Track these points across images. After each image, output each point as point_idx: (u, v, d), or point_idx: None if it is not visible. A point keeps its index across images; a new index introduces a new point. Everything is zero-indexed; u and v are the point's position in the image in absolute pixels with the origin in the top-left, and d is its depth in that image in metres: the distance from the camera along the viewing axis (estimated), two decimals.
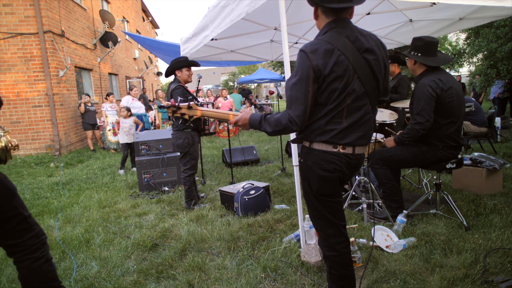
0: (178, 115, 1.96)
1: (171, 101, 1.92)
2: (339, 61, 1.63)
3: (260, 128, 1.79)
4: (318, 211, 1.86)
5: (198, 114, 1.98)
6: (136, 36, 13.01)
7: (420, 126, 3.01)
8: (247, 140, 9.57)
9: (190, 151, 4.09)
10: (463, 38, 13.10)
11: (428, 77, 3.02)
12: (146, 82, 18.73)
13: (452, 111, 3.01)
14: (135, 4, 19.77)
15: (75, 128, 9.67)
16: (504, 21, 8.02)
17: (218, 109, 2.03)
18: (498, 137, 6.83)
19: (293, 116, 1.68)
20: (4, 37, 8.44)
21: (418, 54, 3.06)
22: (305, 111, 1.67)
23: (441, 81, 2.97)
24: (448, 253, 2.65)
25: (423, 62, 3.04)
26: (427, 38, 3.04)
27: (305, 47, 1.67)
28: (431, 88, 2.95)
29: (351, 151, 1.76)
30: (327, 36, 1.69)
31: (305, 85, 1.65)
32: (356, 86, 1.69)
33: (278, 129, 1.74)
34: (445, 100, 2.98)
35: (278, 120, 1.72)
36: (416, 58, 3.07)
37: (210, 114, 2.02)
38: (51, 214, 4.31)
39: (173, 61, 4.13)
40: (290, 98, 1.70)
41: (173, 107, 1.91)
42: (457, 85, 3.07)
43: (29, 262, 1.87)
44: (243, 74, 33.72)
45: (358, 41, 1.70)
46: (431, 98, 2.96)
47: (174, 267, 2.76)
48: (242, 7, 3.11)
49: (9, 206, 1.81)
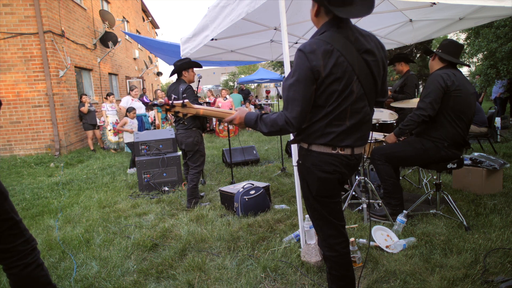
0: (172, 113, 1.92)
1: (164, 99, 1.90)
2: (338, 62, 1.59)
3: (256, 128, 1.75)
4: (317, 212, 1.86)
5: (193, 112, 1.94)
6: (136, 36, 13.00)
7: (420, 111, 3.04)
8: (247, 140, 9.57)
9: (200, 148, 4.19)
10: (463, 38, 13.08)
11: (443, 70, 3.10)
12: (146, 82, 18.73)
13: (461, 109, 3.03)
14: (135, 4, 19.77)
15: (75, 128, 9.67)
16: (504, 21, 8.02)
17: (213, 107, 1.99)
18: (498, 137, 6.83)
19: (289, 118, 1.63)
20: (4, 37, 8.44)
21: (439, 51, 3.18)
22: (302, 112, 1.63)
23: (454, 75, 3.04)
24: (448, 253, 2.65)
25: (441, 55, 3.12)
26: (452, 40, 3.21)
27: (303, 47, 1.62)
28: (442, 78, 3.02)
29: (349, 152, 1.75)
30: (326, 35, 1.64)
31: (303, 86, 1.60)
32: (355, 88, 1.65)
33: (273, 130, 1.69)
34: (453, 94, 3.01)
35: (274, 120, 1.67)
36: (437, 53, 3.16)
37: (204, 112, 1.97)
38: (51, 214, 4.31)
39: (180, 62, 4.16)
40: (287, 99, 1.65)
41: (167, 105, 1.87)
42: (470, 86, 3.13)
43: (19, 268, 1.82)
44: (243, 74, 33.73)
45: (358, 41, 1.66)
46: (440, 88, 3.01)
47: (174, 267, 2.76)
48: (242, 7, 3.11)
49: (1, 210, 1.76)
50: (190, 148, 4.16)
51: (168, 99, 1.91)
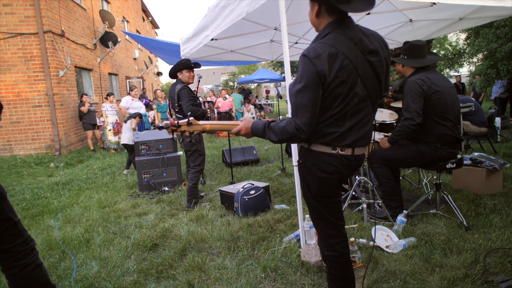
0: (178, 133, 1.88)
1: (170, 120, 1.88)
2: (343, 65, 1.58)
3: (264, 137, 1.72)
4: (317, 212, 1.86)
5: (199, 129, 1.91)
6: (136, 36, 13.01)
7: (409, 122, 3.05)
8: (247, 140, 9.57)
9: (198, 148, 4.22)
10: (463, 38, 13.11)
11: (416, 75, 3.13)
12: (146, 82, 18.74)
13: (444, 108, 3.05)
14: (135, 4, 19.77)
15: (75, 128, 9.67)
16: (504, 21, 8.02)
17: (218, 121, 1.97)
18: (498, 137, 6.82)
19: (300, 124, 1.60)
20: (4, 37, 8.44)
21: (405, 56, 3.23)
22: (312, 118, 1.61)
23: (428, 79, 3.05)
24: (448, 253, 2.65)
25: (406, 64, 3.21)
26: (413, 41, 3.21)
27: (308, 52, 1.59)
28: (418, 84, 3.04)
29: (350, 153, 1.74)
30: (330, 39, 1.62)
31: (311, 91, 1.58)
32: (359, 90, 1.64)
33: (284, 138, 1.66)
34: (433, 97, 3.03)
35: (284, 128, 1.64)
36: (402, 61, 3.24)
37: (211, 127, 1.94)
38: (51, 214, 4.31)
39: (176, 64, 4.24)
40: (296, 106, 1.62)
41: (173, 126, 1.84)
42: (447, 83, 3.15)
43: (18, 269, 1.81)
44: (243, 74, 33.73)
45: (362, 42, 1.64)
46: (418, 94, 3.03)
47: (174, 267, 2.76)
48: (242, 7, 3.11)
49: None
50: (188, 148, 4.22)
51: (170, 101, 1.91)
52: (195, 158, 4.25)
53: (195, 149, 4.20)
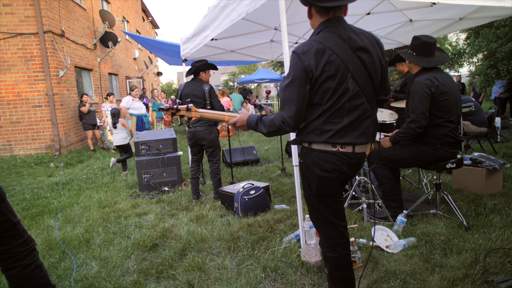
0: (177, 116, 2.01)
1: (169, 103, 1.95)
2: (330, 60, 1.63)
3: (257, 129, 1.83)
4: (318, 212, 1.86)
5: (197, 116, 2.03)
6: (136, 36, 13.00)
7: (415, 124, 3.01)
8: (247, 140, 9.57)
9: (218, 143, 4.45)
10: (463, 38, 13.11)
11: (424, 76, 3.03)
12: (146, 82, 18.74)
13: (448, 109, 3.02)
14: (135, 4, 19.77)
15: (75, 128, 9.67)
16: (504, 21, 8.01)
17: (215, 111, 2.07)
18: (498, 137, 6.82)
19: (285, 117, 1.70)
20: (4, 37, 8.44)
21: (413, 53, 3.09)
22: (298, 111, 1.68)
23: (436, 80, 2.99)
24: (448, 253, 2.65)
25: (415, 62, 3.08)
26: (424, 38, 3.04)
27: (297, 48, 1.68)
28: (426, 86, 2.97)
29: (350, 150, 1.75)
30: (320, 36, 1.69)
31: (297, 86, 1.66)
32: (350, 85, 1.68)
33: (272, 130, 1.77)
34: (440, 98, 2.99)
35: (272, 121, 1.75)
36: (410, 58, 3.11)
37: (207, 116, 2.04)
38: (51, 214, 4.31)
39: (198, 63, 4.27)
40: (283, 99, 1.72)
41: (172, 109, 1.96)
42: (453, 84, 3.09)
43: (18, 269, 1.81)
44: (243, 74, 33.73)
45: (351, 39, 1.69)
46: (426, 97, 2.96)
47: (174, 267, 2.76)
48: (242, 7, 3.11)
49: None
50: (212, 144, 4.34)
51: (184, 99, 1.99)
52: (216, 153, 4.43)
53: (217, 144, 4.40)
